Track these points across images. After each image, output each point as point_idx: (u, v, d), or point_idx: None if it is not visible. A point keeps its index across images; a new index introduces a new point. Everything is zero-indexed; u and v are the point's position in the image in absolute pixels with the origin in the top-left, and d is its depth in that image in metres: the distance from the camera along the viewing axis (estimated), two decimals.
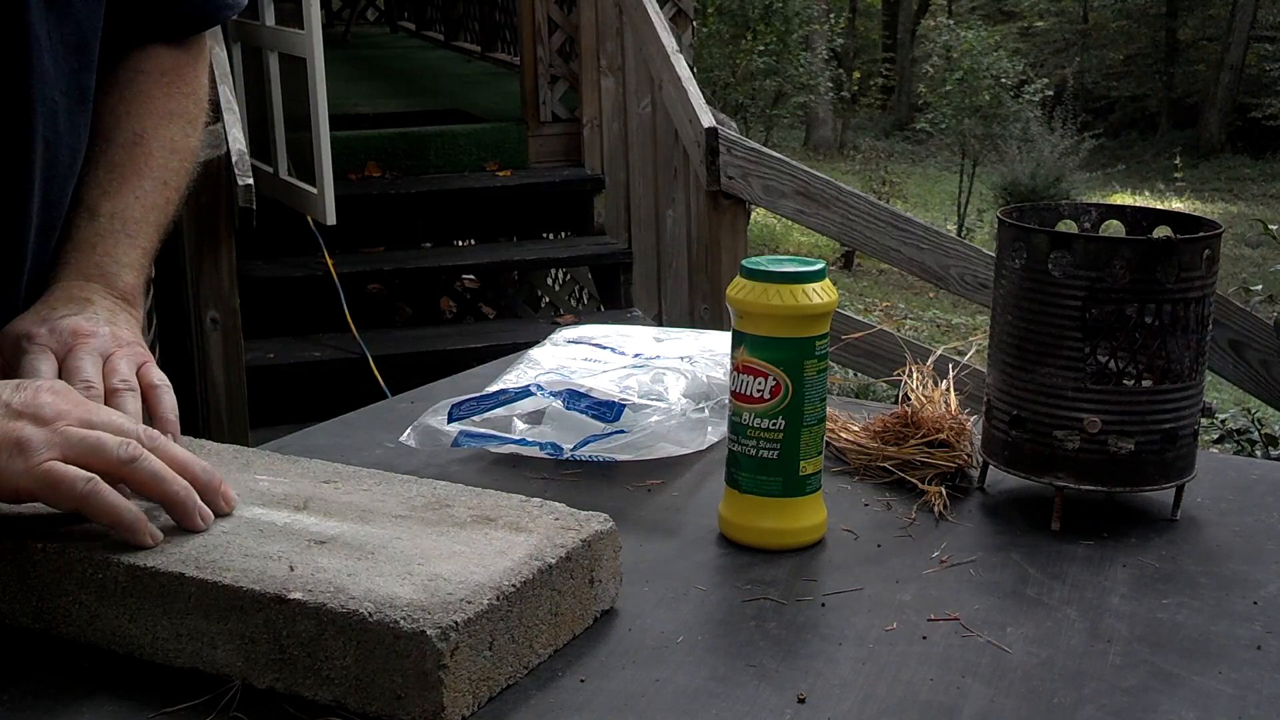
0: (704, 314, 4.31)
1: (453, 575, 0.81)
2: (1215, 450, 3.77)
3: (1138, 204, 4.46)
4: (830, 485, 1.09)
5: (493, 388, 1.24)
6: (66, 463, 0.83)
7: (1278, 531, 1.06)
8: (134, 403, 0.96)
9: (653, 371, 1.25)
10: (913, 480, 1.13)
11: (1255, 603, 0.94)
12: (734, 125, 4.50)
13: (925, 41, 20.90)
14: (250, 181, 3.69)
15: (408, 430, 1.21)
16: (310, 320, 4.47)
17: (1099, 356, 1.04)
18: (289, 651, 0.79)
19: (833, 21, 20.12)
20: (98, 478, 0.83)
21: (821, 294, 0.99)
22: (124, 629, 0.84)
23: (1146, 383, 1.05)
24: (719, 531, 1.05)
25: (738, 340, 1.01)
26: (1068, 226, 1.14)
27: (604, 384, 1.21)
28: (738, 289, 1.00)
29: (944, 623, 0.90)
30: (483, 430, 1.20)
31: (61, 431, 0.84)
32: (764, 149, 4.17)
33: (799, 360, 0.99)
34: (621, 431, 1.17)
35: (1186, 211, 1.16)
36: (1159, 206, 2.90)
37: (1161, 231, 1.11)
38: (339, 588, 0.79)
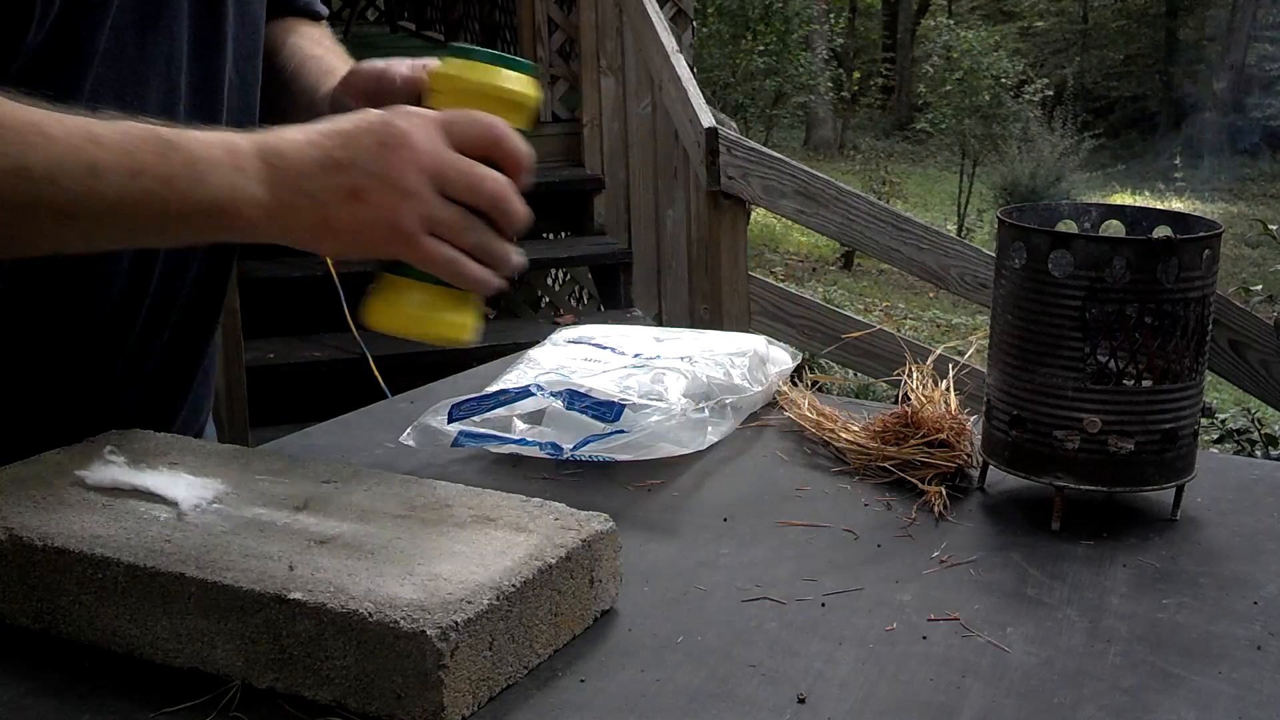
0: (704, 314, 4.31)
1: (453, 575, 0.81)
2: (1215, 450, 3.78)
3: (1138, 204, 4.46)
4: (830, 485, 1.09)
5: (493, 388, 1.24)
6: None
7: (1278, 531, 1.06)
8: None
9: (653, 371, 1.25)
10: (913, 480, 1.13)
11: (1255, 603, 0.94)
12: (733, 125, 4.50)
13: (925, 41, 20.89)
14: None
15: (408, 430, 1.21)
16: (310, 320, 4.47)
17: (1099, 356, 1.04)
18: (289, 651, 0.79)
19: (833, 21, 20.12)
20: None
21: (520, 84, 0.94)
22: (124, 629, 0.84)
23: (1146, 383, 1.05)
24: (718, 531, 1.05)
25: None
26: (1068, 226, 1.14)
27: (604, 384, 1.21)
28: (439, 67, 0.96)
29: (944, 623, 0.90)
30: (483, 430, 1.20)
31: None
32: (764, 149, 4.16)
33: None
34: (621, 431, 1.17)
35: (1186, 211, 1.16)
36: (1159, 206, 2.89)
37: (1161, 231, 1.11)
38: (339, 588, 0.79)
